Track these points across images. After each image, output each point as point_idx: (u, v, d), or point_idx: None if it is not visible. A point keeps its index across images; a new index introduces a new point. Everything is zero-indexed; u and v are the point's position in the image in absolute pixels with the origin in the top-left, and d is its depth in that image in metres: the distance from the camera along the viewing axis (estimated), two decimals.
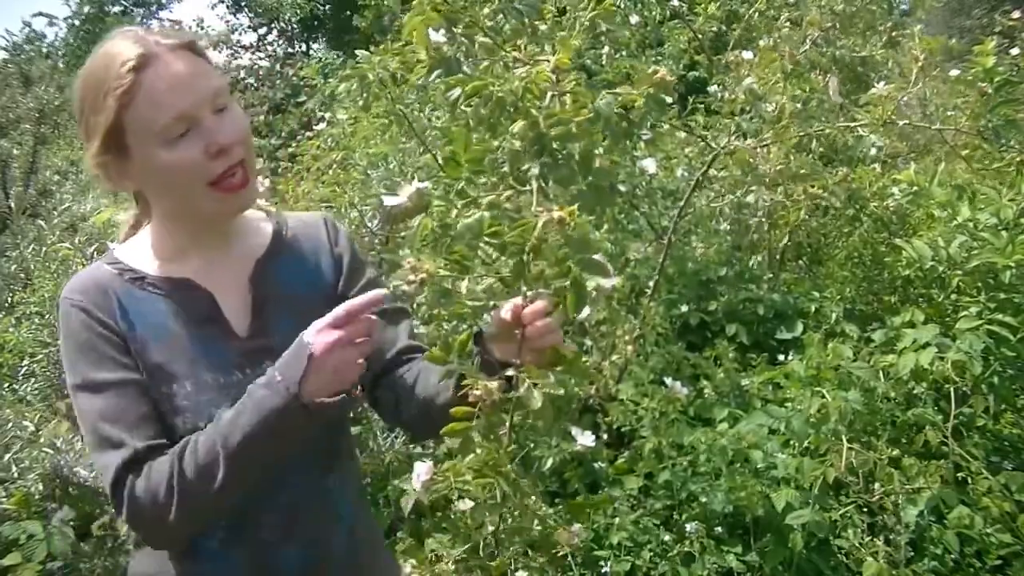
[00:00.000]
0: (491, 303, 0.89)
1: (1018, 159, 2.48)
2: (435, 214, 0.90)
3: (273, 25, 16.69)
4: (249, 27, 17.13)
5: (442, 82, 0.92)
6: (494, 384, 0.87)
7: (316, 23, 16.12)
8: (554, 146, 0.86)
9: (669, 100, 0.96)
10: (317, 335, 1.01)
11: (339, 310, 1.02)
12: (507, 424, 0.91)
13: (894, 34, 2.67)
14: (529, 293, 0.89)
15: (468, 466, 0.91)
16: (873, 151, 3.04)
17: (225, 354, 1.10)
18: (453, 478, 0.93)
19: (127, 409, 1.04)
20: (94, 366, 1.06)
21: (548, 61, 0.92)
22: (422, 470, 1.00)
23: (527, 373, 0.88)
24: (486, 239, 0.85)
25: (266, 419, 1.00)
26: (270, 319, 1.14)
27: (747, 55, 2.81)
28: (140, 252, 1.15)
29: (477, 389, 0.87)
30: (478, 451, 0.90)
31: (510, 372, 0.90)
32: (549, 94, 0.88)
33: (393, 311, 1.25)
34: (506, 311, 0.93)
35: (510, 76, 0.89)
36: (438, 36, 0.95)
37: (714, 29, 3.61)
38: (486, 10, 0.97)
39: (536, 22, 0.99)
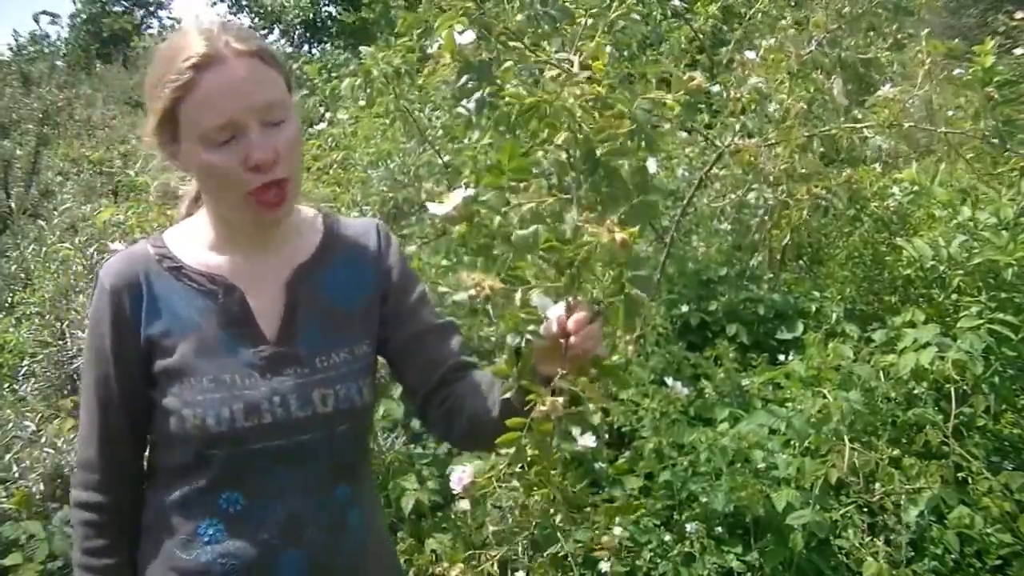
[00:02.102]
0: (543, 314, 0.90)
1: (1021, 164, 2.47)
2: (479, 222, 0.91)
3: (275, 26, 16.69)
4: (250, 27, 17.14)
5: (500, 98, 0.92)
6: (560, 400, 0.88)
7: (319, 25, 16.14)
8: (607, 162, 0.86)
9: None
10: None
11: None
12: (555, 435, 0.92)
13: (899, 36, 2.66)
14: (569, 299, 0.90)
15: (516, 474, 0.93)
16: (877, 152, 3.04)
17: (249, 355, 1.11)
18: (496, 482, 0.94)
19: (101, 414, 1.14)
20: (95, 356, 1.14)
21: (573, 62, 0.93)
22: (463, 474, 1.00)
23: (583, 389, 0.89)
24: (541, 253, 0.86)
25: None
26: (300, 327, 1.14)
27: (750, 55, 2.81)
28: (185, 238, 1.17)
29: (543, 404, 0.88)
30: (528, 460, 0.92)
31: (557, 383, 0.90)
32: (583, 103, 0.88)
33: (444, 326, 1.24)
34: (553, 323, 0.93)
35: (558, 90, 0.88)
36: (466, 39, 0.95)
37: (711, 24, 3.61)
38: (519, 16, 0.97)
39: (568, 26, 0.99)
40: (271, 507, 1.11)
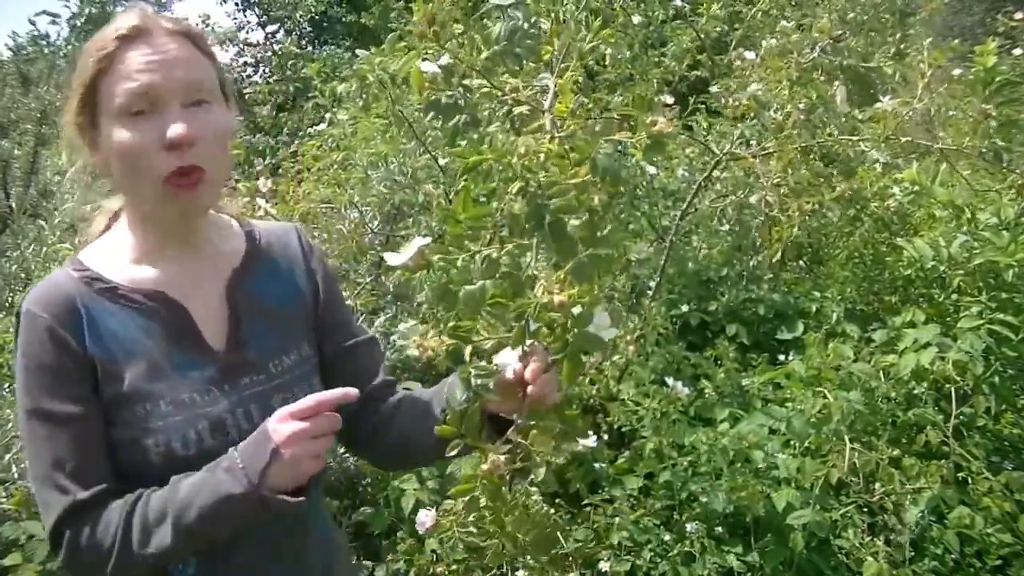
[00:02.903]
0: (494, 366, 0.91)
1: (1020, 183, 2.48)
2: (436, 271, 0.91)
3: (283, 25, 16.68)
4: (257, 24, 17.12)
5: (451, 153, 0.93)
6: (501, 458, 0.90)
7: (327, 24, 16.11)
8: (554, 219, 0.85)
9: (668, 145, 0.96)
10: (280, 424, 0.97)
11: (307, 401, 0.98)
12: (508, 486, 0.94)
13: (902, 46, 2.66)
14: (526, 346, 0.91)
15: (472, 523, 0.95)
16: (877, 164, 3.06)
17: (202, 371, 1.05)
18: (457, 529, 0.96)
19: (76, 450, 1.00)
20: (50, 394, 1.00)
21: (550, 87, 0.93)
22: (426, 518, 1.02)
23: (532, 443, 0.91)
24: (488, 307, 0.86)
25: (222, 504, 0.96)
26: (247, 332, 1.10)
27: (749, 55, 2.80)
28: (109, 256, 1.09)
29: (485, 463, 0.89)
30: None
31: (510, 434, 0.92)
32: (542, 155, 0.87)
33: (372, 340, 1.24)
34: (509, 372, 0.94)
35: (510, 146, 0.88)
36: (433, 67, 0.95)
37: (717, 29, 3.60)
38: (484, 55, 0.96)
39: (535, 62, 0.99)
40: (248, 535, 1.04)
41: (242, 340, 1.09)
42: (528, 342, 0.90)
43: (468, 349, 0.89)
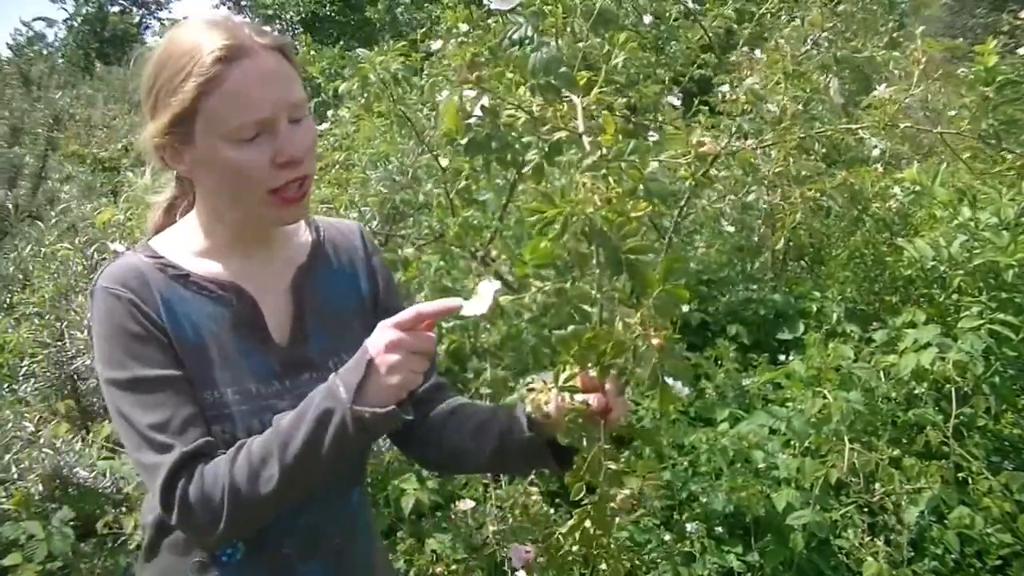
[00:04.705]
0: (584, 403, 0.95)
1: (1020, 163, 2.46)
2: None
3: (275, 25, 16.71)
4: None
5: (525, 209, 0.94)
6: (627, 491, 0.94)
7: (318, 24, 16.11)
8: (633, 261, 0.86)
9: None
10: (378, 333, 0.97)
11: (408, 312, 0.97)
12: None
13: (895, 35, 2.66)
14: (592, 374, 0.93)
15: (577, 552, 0.98)
16: (876, 152, 3.04)
17: (266, 363, 1.07)
18: (561, 562, 0.99)
19: (175, 410, 1.00)
20: (139, 361, 1.01)
21: (577, 105, 0.93)
22: (521, 553, 1.03)
23: (641, 471, 0.95)
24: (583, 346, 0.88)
25: (321, 424, 0.95)
26: (309, 329, 1.12)
27: (756, 54, 2.80)
28: (178, 246, 1.11)
29: (615, 502, 0.93)
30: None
31: (609, 463, 0.94)
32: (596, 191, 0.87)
33: None
34: (592, 400, 0.95)
35: (582, 196, 0.88)
36: (469, 96, 0.95)
37: (724, 28, 3.59)
38: (522, 90, 0.96)
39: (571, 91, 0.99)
40: (291, 518, 1.07)
41: (304, 336, 1.11)
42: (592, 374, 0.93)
43: (586, 397, 0.93)
